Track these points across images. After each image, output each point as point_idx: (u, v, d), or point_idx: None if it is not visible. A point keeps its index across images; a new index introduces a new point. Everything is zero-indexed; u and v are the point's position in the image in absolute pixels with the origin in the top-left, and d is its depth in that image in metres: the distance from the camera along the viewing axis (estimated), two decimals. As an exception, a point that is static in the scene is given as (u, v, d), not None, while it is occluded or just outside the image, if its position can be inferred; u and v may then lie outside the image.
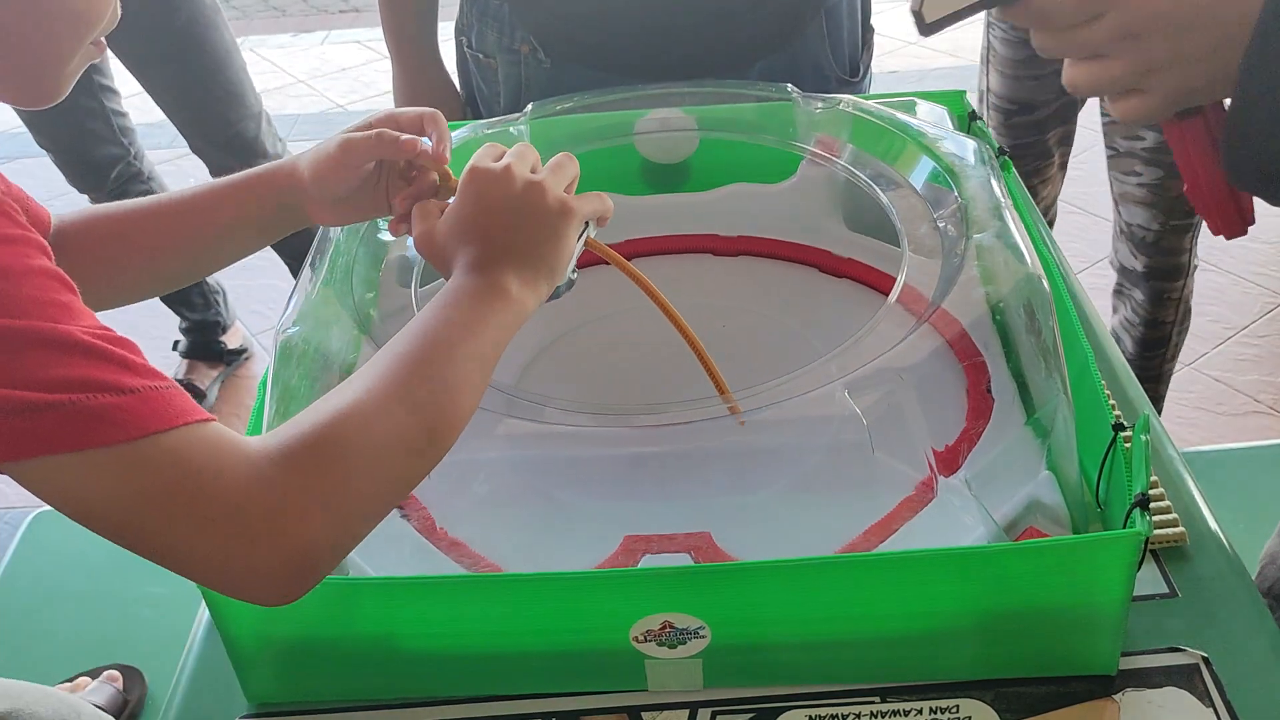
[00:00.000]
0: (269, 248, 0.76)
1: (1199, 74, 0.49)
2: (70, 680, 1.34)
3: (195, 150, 1.99)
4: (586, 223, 0.67)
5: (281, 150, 2.06)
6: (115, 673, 1.34)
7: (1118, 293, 1.67)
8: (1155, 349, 1.66)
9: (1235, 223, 0.54)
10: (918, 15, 0.56)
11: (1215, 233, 0.56)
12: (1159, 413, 1.75)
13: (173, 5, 1.77)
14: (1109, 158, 1.55)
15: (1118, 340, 1.71)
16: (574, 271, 0.67)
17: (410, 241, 0.67)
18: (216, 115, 1.92)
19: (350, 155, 0.68)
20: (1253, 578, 0.67)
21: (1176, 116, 0.52)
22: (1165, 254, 1.55)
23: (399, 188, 0.70)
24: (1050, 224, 1.79)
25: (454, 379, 0.56)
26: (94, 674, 1.35)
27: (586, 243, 0.67)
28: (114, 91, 1.96)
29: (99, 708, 1.24)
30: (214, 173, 2.03)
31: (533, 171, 0.64)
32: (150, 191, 2.09)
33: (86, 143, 1.95)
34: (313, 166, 0.70)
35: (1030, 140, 1.65)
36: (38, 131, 1.94)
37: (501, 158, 0.64)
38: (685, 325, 0.69)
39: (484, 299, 0.60)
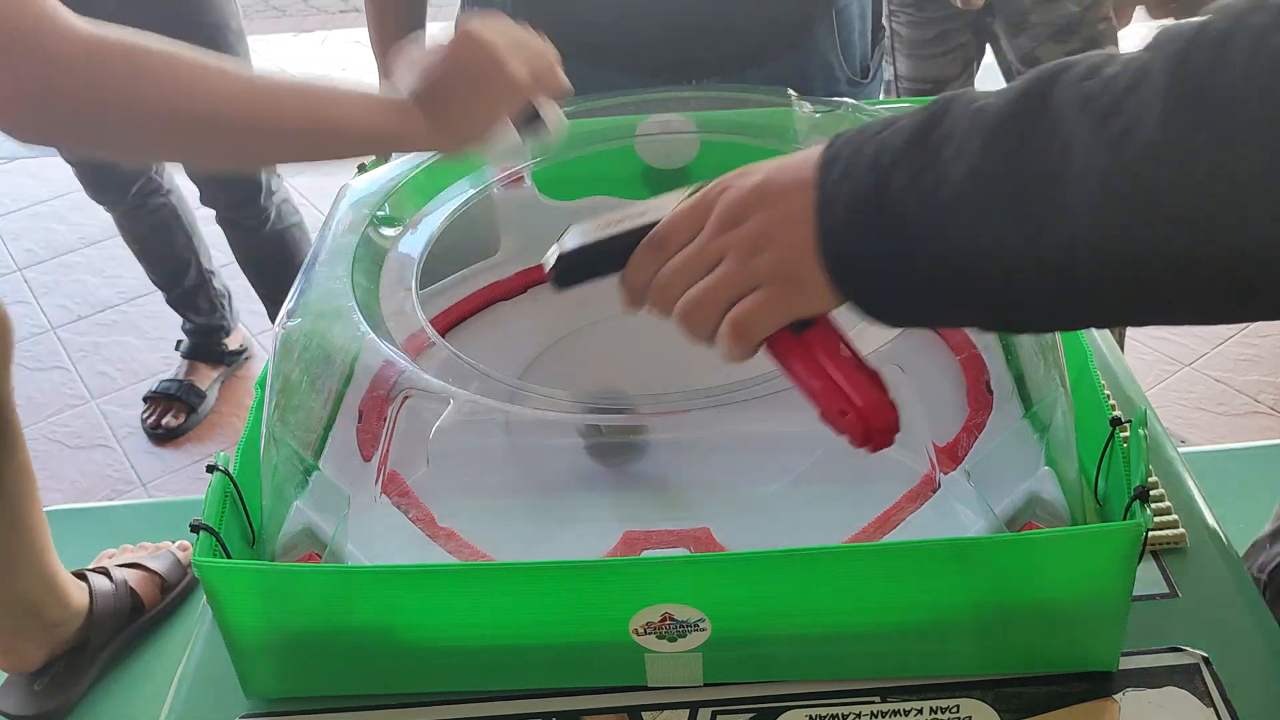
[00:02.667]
0: (250, 286, 0.76)
1: (799, 239, 0.48)
2: (157, 544, 1.39)
3: (189, 175, 1.98)
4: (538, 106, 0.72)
5: (278, 186, 2.05)
6: (188, 544, 1.37)
7: None
8: None
9: (889, 410, 0.51)
10: (549, 262, 0.58)
11: (866, 442, 0.51)
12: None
13: (194, 24, 1.74)
14: None
15: None
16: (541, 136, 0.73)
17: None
18: None
19: None
20: (1252, 578, 0.67)
21: (795, 331, 0.51)
22: None
23: None
24: None
25: (235, 121, 0.62)
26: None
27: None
28: None
29: (153, 570, 1.32)
30: (205, 201, 2.02)
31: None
32: (169, 205, 2.08)
33: None
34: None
35: None
36: None
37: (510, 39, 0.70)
38: None
39: (370, 101, 0.67)
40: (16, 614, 1.19)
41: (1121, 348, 1.88)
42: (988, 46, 1.75)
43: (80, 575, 1.28)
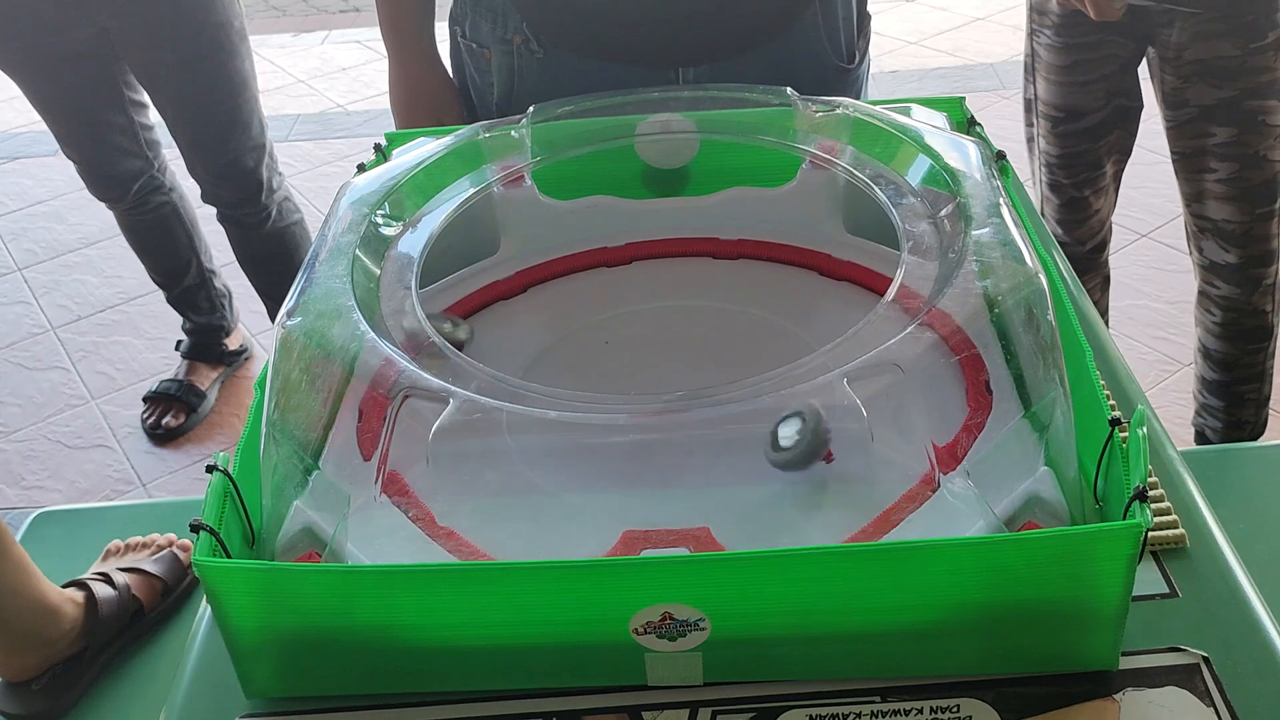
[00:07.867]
0: (250, 286, 0.75)
1: None
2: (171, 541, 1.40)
3: (191, 173, 1.98)
4: None
5: (279, 184, 2.05)
6: (189, 544, 1.38)
7: (1203, 298, 1.65)
8: (1259, 342, 1.66)
9: None
10: None
11: None
12: (1268, 403, 1.74)
13: (199, 23, 1.75)
14: (1175, 161, 1.54)
15: (1206, 353, 1.70)
16: None
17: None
18: (215, 140, 1.90)
19: None
20: (1252, 578, 0.67)
21: None
22: (1256, 242, 1.55)
23: None
24: (1101, 246, 1.76)
25: None
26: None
27: None
28: (143, 105, 1.95)
29: (153, 575, 1.34)
30: (206, 199, 2.02)
31: None
32: (170, 203, 2.08)
33: (111, 156, 1.95)
34: None
35: (1080, 149, 1.62)
36: (64, 142, 1.93)
37: None
38: None
39: None
40: (14, 636, 1.21)
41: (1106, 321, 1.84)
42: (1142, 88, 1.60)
43: (81, 584, 1.29)
